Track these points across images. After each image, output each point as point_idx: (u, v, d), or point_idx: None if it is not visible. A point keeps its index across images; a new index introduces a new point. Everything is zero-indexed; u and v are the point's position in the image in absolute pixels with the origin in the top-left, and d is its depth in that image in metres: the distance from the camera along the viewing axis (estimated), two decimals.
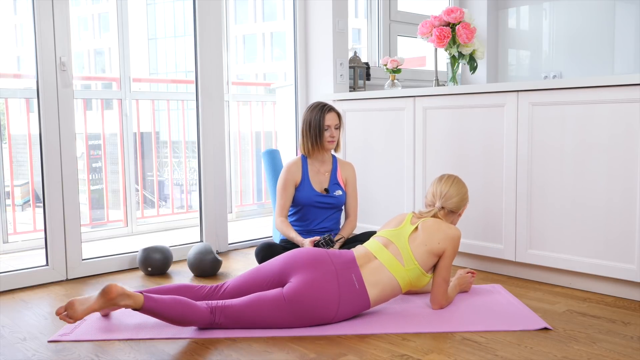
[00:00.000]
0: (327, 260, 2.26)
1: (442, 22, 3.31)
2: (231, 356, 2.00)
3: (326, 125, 2.89)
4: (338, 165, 3.03)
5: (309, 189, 2.93)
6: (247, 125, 5.34)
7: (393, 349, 2.03)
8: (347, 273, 2.24)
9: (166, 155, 5.56)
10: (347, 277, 2.24)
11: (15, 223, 4.18)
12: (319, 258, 2.26)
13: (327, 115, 2.90)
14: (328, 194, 2.94)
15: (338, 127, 2.94)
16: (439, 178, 2.53)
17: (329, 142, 2.91)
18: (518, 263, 2.94)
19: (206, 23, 3.49)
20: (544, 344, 2.07)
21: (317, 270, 2.21)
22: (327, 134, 2.90)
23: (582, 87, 2.62)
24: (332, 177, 2.98)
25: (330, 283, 2.19)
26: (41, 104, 2.93)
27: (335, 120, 2.92)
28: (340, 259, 2.28)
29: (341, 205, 3.01)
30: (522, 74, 4.71)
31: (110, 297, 2.11)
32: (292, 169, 2.96)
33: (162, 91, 7.85)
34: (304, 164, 2.97)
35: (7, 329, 2.31)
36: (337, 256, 2.30)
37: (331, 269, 2.23)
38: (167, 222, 4.79)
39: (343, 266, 2.26)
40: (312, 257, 2.26)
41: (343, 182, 3.01)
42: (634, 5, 4.07)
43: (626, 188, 2.51)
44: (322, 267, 2.22)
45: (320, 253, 2.29)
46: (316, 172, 2.97)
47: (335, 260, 2.27)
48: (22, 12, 7.03)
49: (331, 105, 2.95)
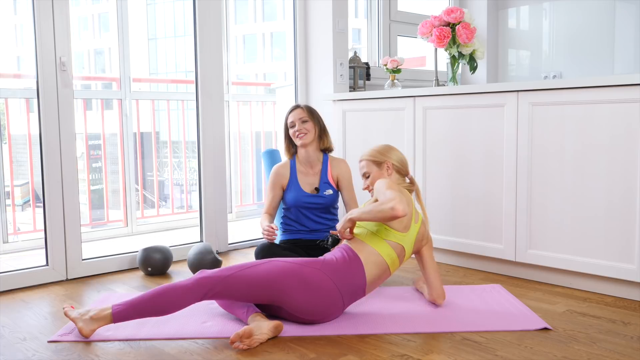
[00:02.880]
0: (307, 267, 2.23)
1: (442, 22, 3.31)
2: (231, 356, 2.00)
3: (290, 122, 2.94)
4: (329, 164, 3.00)
5: (297, 190, 2.92)
6: (247, 125, 5.34)
7: (393, 349, 2.03)
8: (336, 253, 2.30)
9: (166, 155, 5.57)
10: (336, 256, 2.27)
11: (15, 223, 4.18)
12: (296, 271, 2.20)
13: (290, 113, 2.96)
14: (318, 193, 2.93)
15: (306, 120, 2.92)
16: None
17: (298, 136, 2.91)
18: (518, 263, 2.94)
19: (206, 23, 3.49)
20: (544, 344, 2.07)
21: (307, 284, 2.18)
22: (292, 130, 2.93)
23: (582, 87, 2.62)
24: (322, 176, 2.97)
25: (324, 282, 2.20)
26: (41, 104, 2.93)
27: (298, 114, 2.93)
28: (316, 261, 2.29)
29: (333, 205, 2.98)
30: (522, 74, 4.72)
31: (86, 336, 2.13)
32: (279, 171, 2.98)
33: (162, 91, 7.86)
34: (292, 166, 2.98)
35: (7, 329, 2.31)
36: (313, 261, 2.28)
37: (317, 267, 2.23)
38: (167, 222, 4.79)
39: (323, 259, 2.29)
40: (290, 276, 2.19)
41: (334, 181, 2.99)
42: (634, 5, 4.07)
43: (626, 188, 2.51)
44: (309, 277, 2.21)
45: (291, 268, 2.22)
46: (305, 174, 2.97)
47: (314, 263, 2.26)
48: (22, 12, 7.03)
49: (299, 104, 2.99)
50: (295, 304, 2.17)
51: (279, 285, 2.14)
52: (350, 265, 2.24)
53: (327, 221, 2.97)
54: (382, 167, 2.49)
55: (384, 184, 2.34)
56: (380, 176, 2.48)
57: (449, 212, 3.15)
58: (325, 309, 2.21)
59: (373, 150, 2.55)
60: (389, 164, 2.49)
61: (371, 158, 2.51)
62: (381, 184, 2.35)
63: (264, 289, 2.15)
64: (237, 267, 2.18)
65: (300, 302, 2.17)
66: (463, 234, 3.12)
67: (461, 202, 3.11)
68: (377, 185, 2.37)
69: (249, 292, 2.15)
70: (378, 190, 2.34)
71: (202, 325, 2.26)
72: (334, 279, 2.20)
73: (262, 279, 2.14)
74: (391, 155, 2.51)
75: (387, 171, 2.49)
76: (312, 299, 2.17)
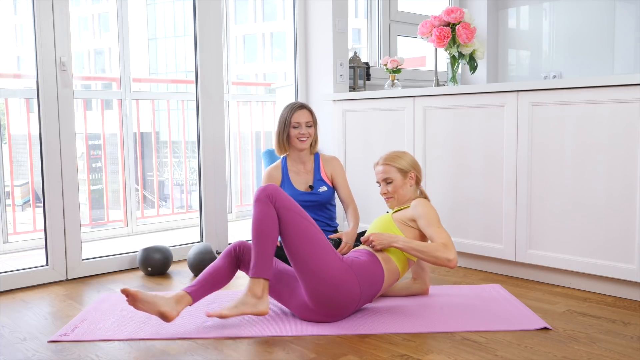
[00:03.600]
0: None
1: (442, 22, 3.31)
2: (231, 356, 2.00)
3: (295, 122, 2.87)
4: (321, 162, 2.99)
5: (291, 189, 2.91)
6: (247, 125, 5.34)
7: (393, 349, 2.03)
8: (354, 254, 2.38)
9: (166, 155, 5.57)
10: (362, 259, 2.33)
11: (15, 223, 4.18)
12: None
13: (296, 112, 2.88)
14: (313, 190, 2.93)
15: (311, 125, 2.91)
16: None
17: (300, 139, 2.88)
18: (518, 263, 2.94)
19: (206, 23, 3.49)
20: (544, 344, 2.07)
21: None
22: (296, 132, 2.88)
23: (582, 87, 2.62)
24: (315, 174, 2.96)
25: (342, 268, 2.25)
26: (41, 104, 2.93)
27: (306, 117, 2.89)
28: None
29: (329, 202, 2.97)
30: (522, 74, 4.72)
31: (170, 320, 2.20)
32: (271, 174, 2.96)
33: (162, 91, 7.85)
34: (283, 167, 2.97)
35: (7, 329, 2.32)
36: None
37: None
38: (167, 222, 4.79)
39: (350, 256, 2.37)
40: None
41: (328, 178, 2.97)
42: (634, 5, 4.07)
43: (626, 188, 2.51)
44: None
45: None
46: (297, 172, 2.95)
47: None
48: (22, 12, 7.04)
49: (303, 103, 2.94)
50: (317, 288, 2.18)
51: (318, 259, 2.19)
52: (375, 272, 2.31)
53: (324, 218, 2.95)
54: (407, 176, 2.51)
55: (434, 217, 2.37)
56: (404, 185, 2.50)
57: (449, 212, 3.15)
58: (341, 305, 2.23)
59: (396, 157, 2.54)
60: (413, 175, 2.52)
61: (397, 165, 2.51)
62: (430, 215, 2.37)
63: (303, 249, 2.20)
64: (296, 205, 2.28)
65: (322, 289, 2.18)
66: (463, 233, 3.12)
67: (461, 202, 3.11)
68: (423, 212, 2.37)
69: (294, 233, 2.22)
70: (428, 221, 2.35)
71: (202, 325, 2.26)
72: (360, 280, 2.25)
73: (309, 239, 2.21)
74: (415, 166, 2.55)
75: (409, 181, 2.52)
76: (334, 291, 2.19)
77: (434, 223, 2.35)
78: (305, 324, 2.26)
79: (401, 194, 2.51)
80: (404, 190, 2.51)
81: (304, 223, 2.23)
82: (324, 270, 2.17)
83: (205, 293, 2.27)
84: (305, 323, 2.26)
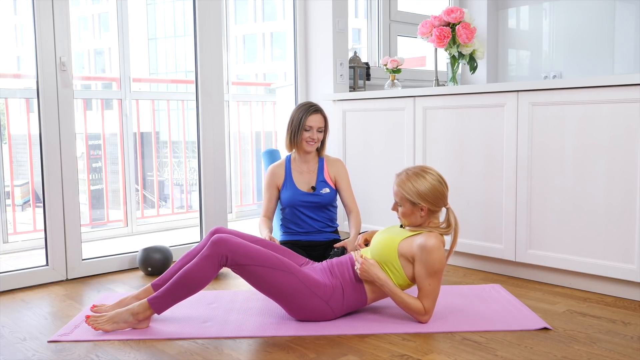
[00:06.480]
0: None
1: (442, 22, 3.31)
2: (231, 356, 2.00)
3: (308, 125, 2.86)
4: (325, 164, 2.99)
5: (293, 189, 2.91)
6: (247, 125, 5.34)
7: (393, 349, 2.03)
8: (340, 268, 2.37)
9: (166, 155, 5.57)
10: (344, 277, 2.32)
11: (15, 223, 4.18)
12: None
13: (311, 116, 2.87)
14: (315, 191, 2.92)
15: (322, 130, 2.91)
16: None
17: (309, 142, 2.88)
18: (518, 263, 2.94)
19: (206, 23, 3.49)
20: (544, 344, 2.07)
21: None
22: (307, 135, 2.87)
23: (582, 87, 2.62)
24: (319, 175, 2.96)
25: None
26: (41, 104, 2.93)
27: (319, 122, 2.88)
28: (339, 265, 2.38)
29: (330, 203, 2.96)
30: (522, 74, 4.72)
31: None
32: (274, 171, 2.97)
33: (162, 91, 7.85)
34: (287, 166, 2.96)
35: (7, 329, 2.32)
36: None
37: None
38: (167, 222, 4.79)
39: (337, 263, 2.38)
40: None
41: (331, 180, 2.97)
42: (634, 5, 4.07)
43: (626, 188, 2.51)
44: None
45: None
46: (300, 172, 2.95)
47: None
48: (22, 12, 7.03)
49: (319, 107, 2.92)
50: (291, 311, 2.30)
51: (284, 296, 2.24)
52: (354, 296, 2.31)
53: (324, 219, 2.95)
54: (416, 208, 2.26)
55: (432, 269, 2.19)
56: (412, 215, 2.27)
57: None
58: (319, 318, 2.30)
59: (410, 179, 2.27)
60: (424, 208, 2.25)
61: (406, 196, 2.26)
62: (429, 266, 2.19)
63: (268, 289, 2.24)
64: (253, 255, 2.21)
65: (295, 313, 2.29)
66: (463, 233, 3.11)
67: (461, 202, 3.11)
68: (424, 259, 2.19)
69: (255, 282, 2.23)
70: (425, 271, 2.19)
71: (202, 325, 2.26)
72: (335, 308, 2.28)
73: (271, 284, 2.22)
74: (428, 196, 2.24)
75: (419, 212, 2.27)
76: (307, 315, 2.28)
77: (429, 276, 2.19)
78: (305, 323, 2.26)
79: (411, 221, 2.30)
80: (413, 219, 2.29)
81: (260, 271, 2.19)
82: (292, 302, 2.24)
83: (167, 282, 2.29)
84: (305, 323, 2.26)
